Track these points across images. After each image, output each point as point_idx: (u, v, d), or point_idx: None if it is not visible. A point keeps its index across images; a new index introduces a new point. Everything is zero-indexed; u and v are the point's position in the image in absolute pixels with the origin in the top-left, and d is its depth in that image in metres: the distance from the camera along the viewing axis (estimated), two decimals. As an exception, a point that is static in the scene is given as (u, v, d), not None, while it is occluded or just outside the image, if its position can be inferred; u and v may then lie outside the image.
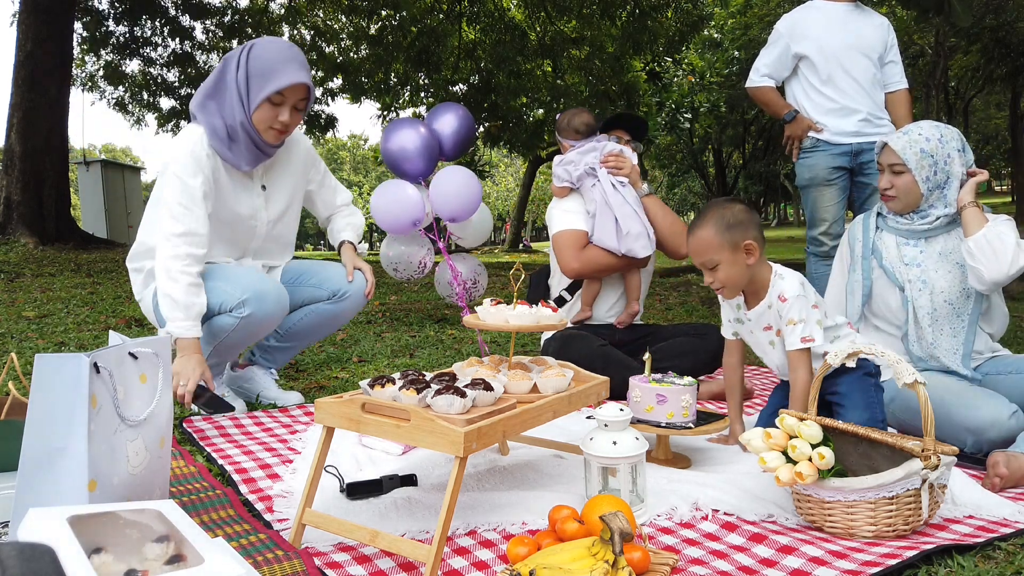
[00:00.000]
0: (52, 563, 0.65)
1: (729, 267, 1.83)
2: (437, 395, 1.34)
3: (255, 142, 2.22)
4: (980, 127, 28.40)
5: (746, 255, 1.83)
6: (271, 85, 2.12)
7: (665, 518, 1.53)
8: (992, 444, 1.81)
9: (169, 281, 2.08)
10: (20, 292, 5.40)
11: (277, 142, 2.27)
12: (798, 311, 1.82)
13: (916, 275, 2.07)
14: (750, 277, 1.87)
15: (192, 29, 11.51)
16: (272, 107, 2.16)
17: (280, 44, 2.20)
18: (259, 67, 2.13)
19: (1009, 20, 12.63)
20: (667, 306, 5.33)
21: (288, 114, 2.19)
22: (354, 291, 2.47)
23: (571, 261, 2.69)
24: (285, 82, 2.12)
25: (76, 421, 1.17)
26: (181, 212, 2.12)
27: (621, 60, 11.68)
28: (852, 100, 3.05)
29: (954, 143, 2.03)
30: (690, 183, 37.31)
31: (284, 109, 2.18)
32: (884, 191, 2.10)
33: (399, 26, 11.32)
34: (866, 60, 3.07)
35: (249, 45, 2.17)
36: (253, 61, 2.13)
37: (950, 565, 1.29)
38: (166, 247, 2.10)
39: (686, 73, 18.99)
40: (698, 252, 1.87)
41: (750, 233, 1.82)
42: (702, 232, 1.84)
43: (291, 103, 2.19)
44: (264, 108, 2.16)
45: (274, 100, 2.15)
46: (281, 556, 1.30)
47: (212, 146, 2.20)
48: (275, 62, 2.13)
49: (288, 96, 2.17)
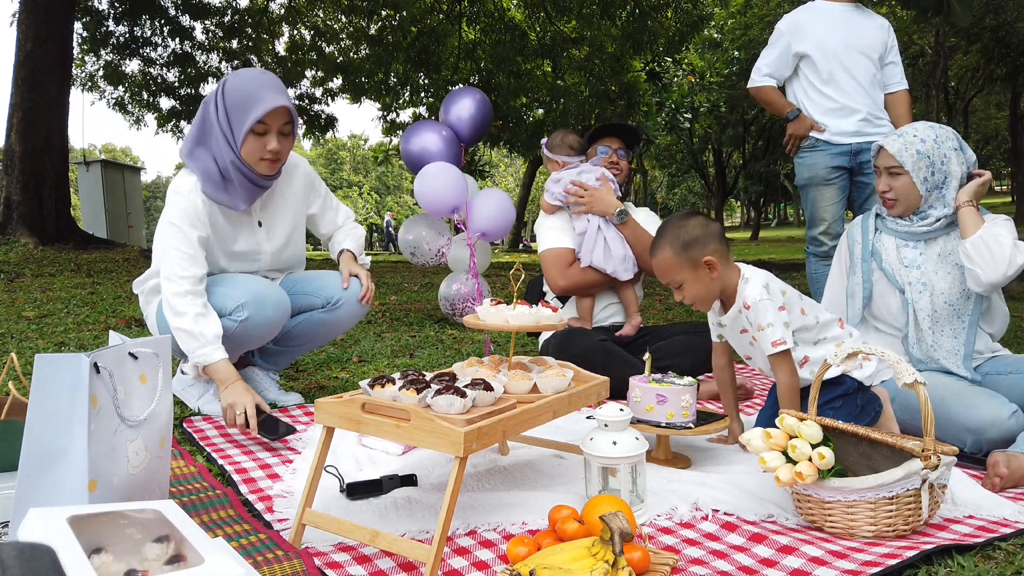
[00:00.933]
0: (52, 563, 0.64)
1: (694, 284, 1.83)
2: (437, 395, 1.34)
3: (249, 178, 2.17)
4: (980, 127, 28.40)
5: (708, 270, 1.82)
6: (251, 114, 2.07)
7: (665, 518, 1.53)
8: (992, 444, 1.81)
9: (177, 316, 2.08)
10: (20, 292, 5.41)
11: (272, 172, 2.23)
12: (764, 316, 1.79)
13: (916, 277, 2.07)
14: (720, 288, 1.86)
15: (192, 29, 11.50)
16: (257, 138, 2.11)
17: (252, 73, 2.17)
18: (236, 100, 2.09)
19: (1009, 20, 12.63)
20: (667, 306, 5.33)
21: (275, 141, 2.13)
22: (348, 298, 2.42)
23: (558, 279, 2.73)
24: (264, 108, 2.06)
25: (76, 421, 1.17)
26: (178, 256, 2.13)
27: (621, 60, 11.67)
28: (852, 100, 3.05)
29: (950, 143, 2.03)
30: (690, 183, 37.32)
31: (270, 137, 2.12)
32: (883, 194, 2.10)
33: (399, 26, 11.31)
34: (866, 60, 3.07)
35: (223, 82, 2.15)
36: (229, 95, 2.10)
37: (950, 565, 1.29)
38: (169, 287, 2.11)
39: (686, 73, 18.99)
40: (661, 274, 1.87)
41: (708, 247, 1.81)
42: (660, 254, 1.84)
43: (275, 129, 2.12)
44: (250, 141, 2.11)
45: (257, 130, 2.10)
46: (281, 556, 1.30)
47: (206, 192, 2.18)
48: (250, 91, 2.09)
49: (271, 123, 2.11)
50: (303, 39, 12.27)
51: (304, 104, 12.70)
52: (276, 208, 2.39)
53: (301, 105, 12.63)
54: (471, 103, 4.02)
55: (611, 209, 2.68)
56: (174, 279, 2.11)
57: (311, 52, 12.16)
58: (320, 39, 12.22)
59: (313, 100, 12.84)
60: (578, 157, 2.79)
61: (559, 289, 2.75)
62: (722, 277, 1.84)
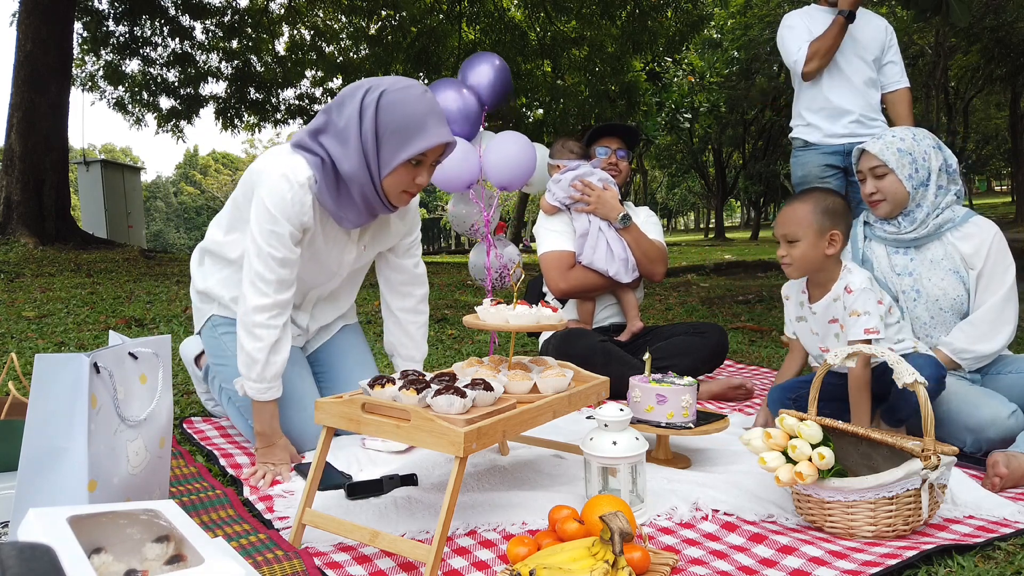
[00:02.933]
0: (52, 563, 0.64)
1: (808, 248, 1.89)
2: (437, 395, 1.34)
3: (373, 204, 1.82)
4: (980, 127, 28.38)
5: (828, 244, 1.88)
6: (412, 146, 1.72)
7: (665, 518, 1.53)
8: (991, 443, 1.82)
9: (249, 338, 1.77)
10: (20, 292, 5.40)
11: (406, 204, 1.91)
12: (863, 303, 1.85)
13: (909, 284, 2.08)
14: (820, 267, 1.92)
15: (192, 29, 11.49)
16: (410, 169, 1.77)
17: (417, 92, 1.74)
18: (394, 124, 1.72)
19: (1009, 20, 12.63)
20: (667, 306, 5.33)
21: (427, 176, 1.81)
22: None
23: (559, 281, 2.73)
24: (429, 143, 1.72)
25: (76, 421, 1.17)
26: (270, 255, 1.77)
27: (621, 60, 11.66)
28: (845, 101, 3.02)
29: (928, 140, 2.06)
30: (690, 183, 37.31)
31: (423, 170, 1.79)
32: (870, 196, 2.10)
33: (399, 26, 11.31)
34: (861, 62, 3.05)
35: (377, 93, 1.73)
36: (385, 114, 1.72)
37: (950, 565, 1.29)
38: (253, 299, 1.77)
39: (686, 73, 18.99)
40: (785, 223, 1.92)
41: (840, 226, 1.89)
42: (798, 206, 1.91)
43: (431, 161, 1.80)
44: (400, 172, 1.76)
45: (413, 160, 1.76)
46: (281, 556, 1.30)
47: (316, 193, 1.80)
48: (415, 117, 1.72)
49: (429, 155, 1.78)
50: (303, 39, 12.27)
51: (304, 104, 12.70)
52: (378, 234, 2.03)
53: (301, 105, 12.63)
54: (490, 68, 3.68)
55: (614, 214, 2.68)
56: (256, 283, 1.77)
57: (311, 52, 12.15)
58: (320, 39, 12.22)
59: (313, 100, 12.83)
60: (578, 160, 2.79)
61: (560, 292, 2.75)
62: (832, 259, 1.91)
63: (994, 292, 2.01)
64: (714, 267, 10.08)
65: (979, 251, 2.02)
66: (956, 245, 2.04)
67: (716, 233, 27.69)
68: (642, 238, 2.72)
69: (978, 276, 2.02)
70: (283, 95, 12.49)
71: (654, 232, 2.81)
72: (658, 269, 2.77)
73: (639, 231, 2.73)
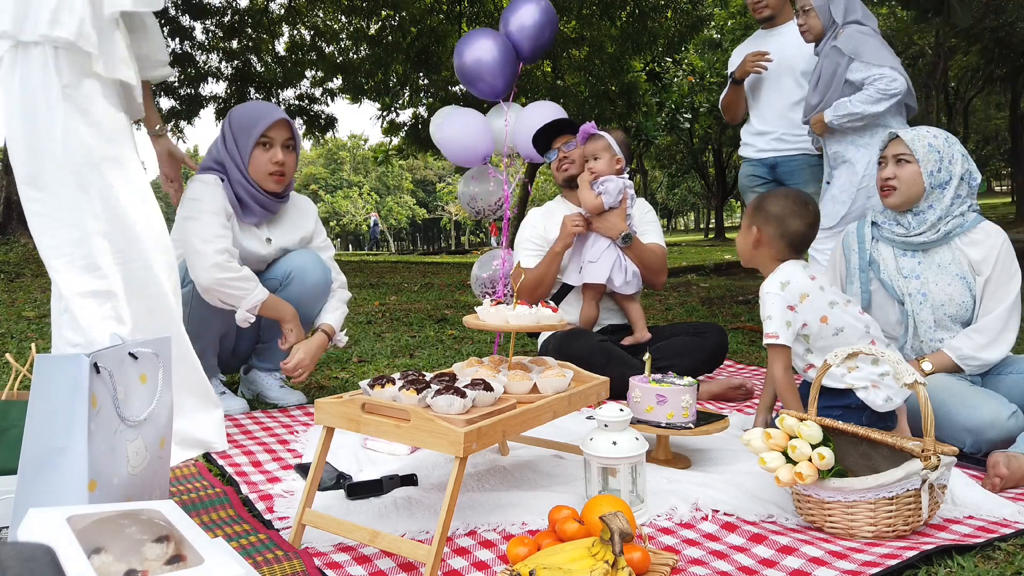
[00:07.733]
0: (52, 563, 0.64)
1: (742, 234, 2.00)
2: (437, 395, 1.34)
3: (259, 201, 2.32)
4: (980, 127, 28.38)
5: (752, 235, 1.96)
6: (256, 129, 2.25)
7: (665, 518, 1.53)
8: (991, 444, 1.81)
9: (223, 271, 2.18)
10: (20, 292, 5.40)
11: (279, 189, 2.34)
12: (765, 308, 1.87)
13: (916, 288, 2.07)
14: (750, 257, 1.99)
15: (192, 29, 11.49)
16: (263, 151, 2.28)
17: (255, 103, 2.37)
18: (240, 123, 2.28)
19: (1009, 20, 12.62)
20: (667, 306, 5.33)
21: (280, 153, 2.29)
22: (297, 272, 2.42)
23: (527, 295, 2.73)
24: (267, 122, 2.26)
25: (76, 421, 1.17)
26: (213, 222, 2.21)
27: (621, 60, 11.66)
28: (767, 124, 3.34)
29: (958, 147, 2.05)
30: (690, 183, 37.30)
31: (275, 149, 2.29)
32: (886, 181, 2.08)
33: (399, 26, 11.30)
34: (790, 80, 3.26)
35: (227, 116, 2.34)
36: (233, 122, 2.30)
37: (950, 565, 1.29)
38: (211, 245, 2.18)
39: (686, 73, 18.97)
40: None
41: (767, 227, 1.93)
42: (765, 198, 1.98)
43: (279, 142, 2.29)
44: (256, 155, 2.27)
45: (262, 143, 2.27)
46: (281, 556, 1.30)
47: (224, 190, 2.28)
48: (253, 113, 2.29)
49: (274, 136, 2.28)
50: (303, 39, 12.26)
51: (304, 104, 12.69)
52: (285, 229, 2.47)
53: (301, 105, 12.62)
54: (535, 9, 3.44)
55: (614, 232, 2.67)
56: (212, 239, 2.18)
57: (311, 52, 12.14)
58: (320, 39, 12.21)
59: (313, 100, 12.82)
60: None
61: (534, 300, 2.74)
62: (758, 255, 1.97)
63: (1001, 300, 2.00)
64: (714, 267, 10.09)
65: (988, 258, 2.01)
66: (964, 251, 2.04)
67: (716, 233, 27.68)
68: (644, 252, 2.71)
69: (985, 282, 2.02)
70: (283, 95, 12.48)
71: (653, 234, 2.80)
72: (659, 279, 2.79)
73: (641, 246, 2.71)
